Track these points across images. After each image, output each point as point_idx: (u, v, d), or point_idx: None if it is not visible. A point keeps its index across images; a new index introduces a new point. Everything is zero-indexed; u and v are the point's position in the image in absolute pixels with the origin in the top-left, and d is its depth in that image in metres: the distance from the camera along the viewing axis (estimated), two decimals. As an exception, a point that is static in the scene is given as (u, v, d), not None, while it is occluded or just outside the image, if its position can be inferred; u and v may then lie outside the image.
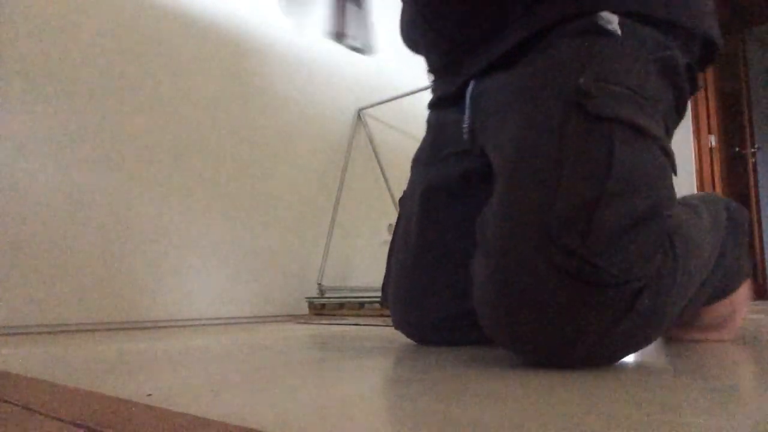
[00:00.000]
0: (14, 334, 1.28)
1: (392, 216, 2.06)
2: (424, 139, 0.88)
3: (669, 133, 0.66)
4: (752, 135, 3.57)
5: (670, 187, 0.59)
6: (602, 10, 0.63)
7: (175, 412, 0.38)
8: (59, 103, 1.41)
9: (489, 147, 0.70)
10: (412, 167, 0.89)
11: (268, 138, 1.79)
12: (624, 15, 0.63)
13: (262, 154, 1.77)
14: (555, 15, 0.65)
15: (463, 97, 0.75)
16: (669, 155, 0.60)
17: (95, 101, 1.47)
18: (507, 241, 0.55)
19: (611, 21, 0.62)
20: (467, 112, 0.74)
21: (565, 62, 0.61)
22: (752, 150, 3.54)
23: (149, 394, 0.45)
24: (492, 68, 0.71)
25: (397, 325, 0.85)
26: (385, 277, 0.90)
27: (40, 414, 0.40)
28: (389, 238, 2.03)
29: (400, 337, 0.98)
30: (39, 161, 1.37)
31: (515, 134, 0.61)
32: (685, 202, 0.71)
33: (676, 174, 0.62)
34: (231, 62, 1.73)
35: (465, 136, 0.74)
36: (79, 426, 0.35)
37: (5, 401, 0.46)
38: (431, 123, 0.87)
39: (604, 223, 0.52)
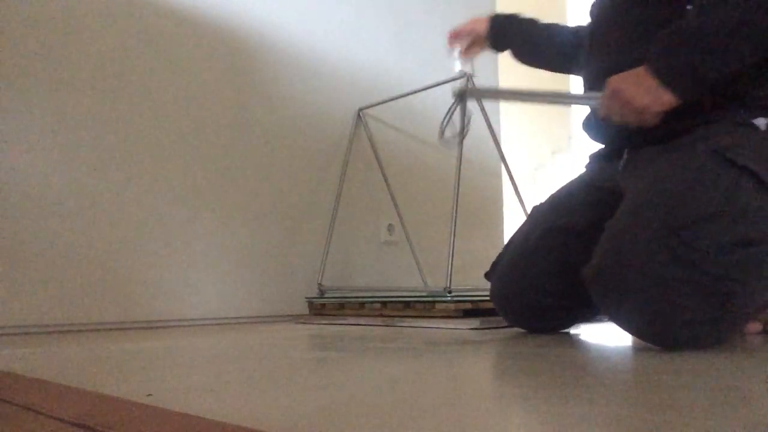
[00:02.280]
0: (14, 334, 1.28)
1: (392, 216, 2.06)
2: (586, 169, 1.10)
3: None
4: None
5: None
6: (759, 117, 0.81)
7: (175, 412, 0.38)
8: (59, 104, 1.41)
9: (629, 182, 0.88)
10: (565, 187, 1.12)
11: (268, 138, 1.79)
12: None
13: (262, 154, 1.77)
14: (719, 118, 0.82)
15: (616, 157, 0.96)
16: None
17: (95, 101, 1.47)
18: (630, 225, 0.72)
19: (760, 122, 0.81)
20: (622, 164, 0.94)
21: (710, 136, 0.79)
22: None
23: (149, 394, 0.45)
24: (647, 143, 0.90)
25: (495, 298, 1.03)
26: (498, 257, 1.07)
27: (40, 414, 0.40)
28: (389, 238, 2.03)
29: (400, 337, 0.98)
30: (39, 161, 1.37)
31: (659, 167, 0.80)
32: None
33: None
34: (231, 62, 1.73)
35: (618, 178, 0.93)
36: (79, 426, 0.35)
37: (5, 401, 0.45)
38: (593, 165, 1.07)
39: (716, 232, 0.68)
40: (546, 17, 1.22)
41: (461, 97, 1.02)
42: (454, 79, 1.60)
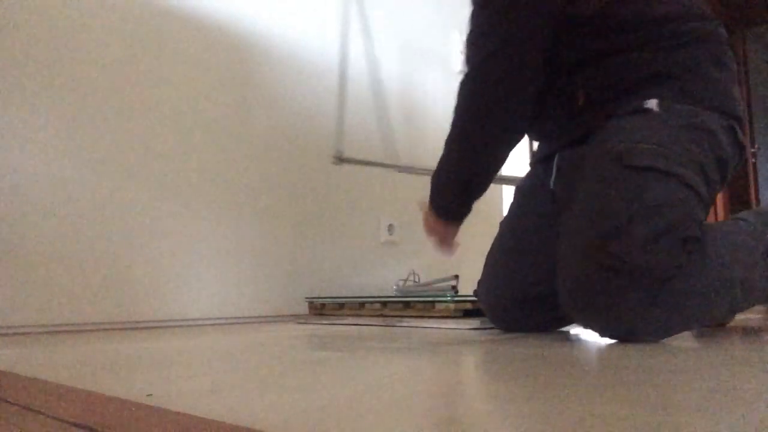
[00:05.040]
0: (14, 334, 1.28)
1: (392, 216, 2.06)
2: (526, 176, 1.19)
3: (709, 175, 0.87)
4: (752, 135, 3.57)
5: (692, 209, 0.82)
6: (646, 99, 0.89)
7: (175, 412, 0.38)
8: (60, 103, 1.41)
9: (563, 191, 1.02)
10: (515, 193, 1.21)
11: (269, 138, 1.79)
12: (662, 99, 0.88)
13: (263, 154, 1.77)
14: (614, 109, 0.92)
15: (551, 160, 1.08)
16: (693, 187, 0.83)
17: (96, 101, 1.47)
18: (569, 251, 0.83)
19: (651, 104, 0.89)
20: (554, 170, 1.05)
21: (613, 134, 0.88)
22: (752, 150, 3.54)
23: (149, 394, 0.45)
24: (569, 144, 1.01)
25: (483, 306, 1.11)
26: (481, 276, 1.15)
27: (40, 414, 0.40)
28: (389, 238, 2.03)
29: (400, 337, 0.99)
30: (39, 161, 1.37)
31: (582, 185, 0.88)
32: (737, 216, 0.94)
33: (704, 202, 0.85)
34: (233, 62, 1.73)
35: (551, 186, 1.06)
36: (79, 426, 0.35)
37: (5, 401, 0.46)
38: (532, 173, 1.17)
39: (633, 234, 0.77)
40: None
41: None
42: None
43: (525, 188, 1.16)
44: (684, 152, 0.84)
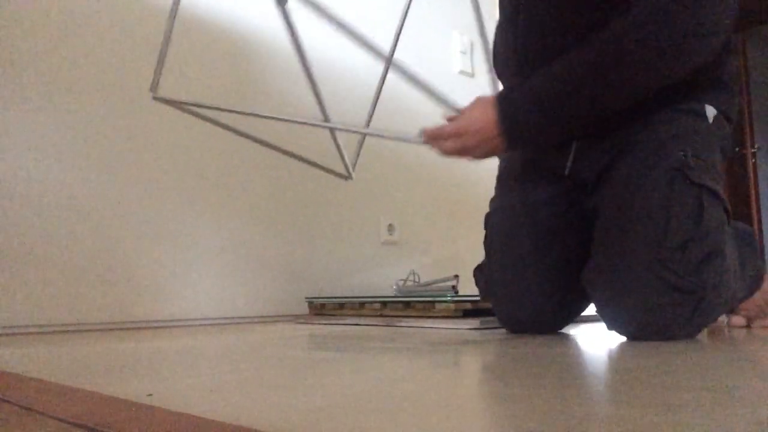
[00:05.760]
0: (14, 334, 1.28)
1: (392, 216, 2.06)
2: (510, 163, 1.11)
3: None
4: (752, 135, 3.57)
5: (727, 232, 0.87)
6: (706, 104, 0.91)
7: (175, 412, 0.38)
8: (60, 104, 1.41)
9: (589, 178, 0.97)
10: (499, 184, 1.14)
11: (269, 137, 1.79)
12: (717, 110, 0.91)
13: (263, 154, 1.77)
14: (667, 103, 0.90)
15: (563, 145, 1.00)
16: (728, 211, 0.88)
17: (95, 101, 1.47)
18: (624, 261, 0.84)
19: (709, 113, 0.90)
20: (571, 156, 0.99)
21: (673, 136, 0.88)
22: (752, 150, 3.54)
23: (149, 394, 0.45)
24: (591, 134, 0.96)
25: (502, 318, 1.06)
26: (477, 270, 1.14)
27: (40, 414, 0.40)
28: (389, 238, 2.03)
29: (400, 337, 0.98)
30: (39, 161, 1.37)
31: (628, 183, 0.88)
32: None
33: (730, 224, 0.90)
34: (232, 62, 1.73)
35: (566, 171, 1.00)
36: (79, 426, 0.35)
37: (5, 401, 0.46)
38: (523, 157, 1.08)
39: (693, 254, 0.81)
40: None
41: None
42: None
43: (521, 180, 1.07)
44: (720, 174, 0.90)
